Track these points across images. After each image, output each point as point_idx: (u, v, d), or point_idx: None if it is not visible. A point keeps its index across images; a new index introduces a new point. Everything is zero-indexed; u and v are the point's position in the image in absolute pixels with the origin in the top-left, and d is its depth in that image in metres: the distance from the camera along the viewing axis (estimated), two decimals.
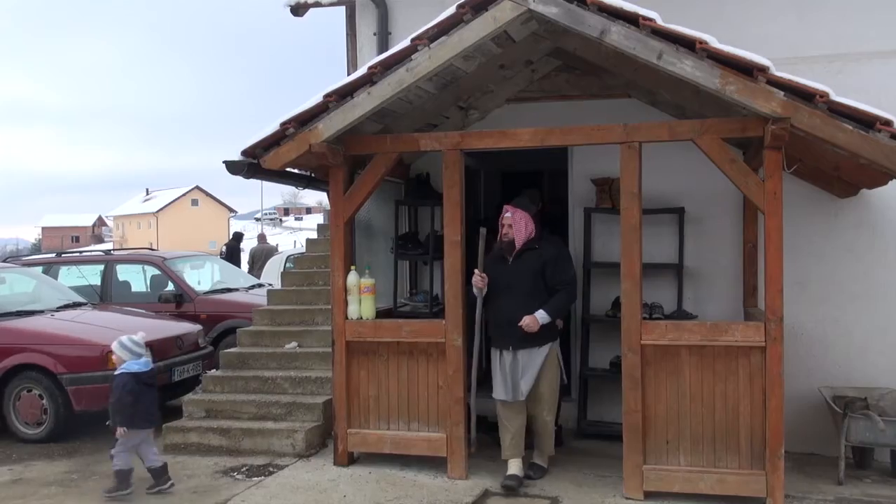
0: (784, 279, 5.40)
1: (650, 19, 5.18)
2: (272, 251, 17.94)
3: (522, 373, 6.01)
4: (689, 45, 5.15)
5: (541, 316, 5.88)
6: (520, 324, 5.86)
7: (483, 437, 6.95)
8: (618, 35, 5.27)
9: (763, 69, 5.07)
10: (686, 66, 5.18)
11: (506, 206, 6.19)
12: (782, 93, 5.09)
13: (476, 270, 6.13)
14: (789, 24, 6.92)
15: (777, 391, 5.39)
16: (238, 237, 20.20)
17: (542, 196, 10.42)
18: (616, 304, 6.81)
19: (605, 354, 7.18)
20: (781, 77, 5.07)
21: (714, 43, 5.12)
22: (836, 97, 5.02)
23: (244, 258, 20.59)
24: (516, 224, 6.05)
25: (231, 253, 18.42)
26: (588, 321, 7.27)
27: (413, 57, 5.66)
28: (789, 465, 5.75)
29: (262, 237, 20.86)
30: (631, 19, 5.22)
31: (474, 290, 6.12)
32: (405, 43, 5.70)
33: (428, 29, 5.59)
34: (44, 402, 7.87)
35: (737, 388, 5.55)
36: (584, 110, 6.92)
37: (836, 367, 6.79)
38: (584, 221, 7.28)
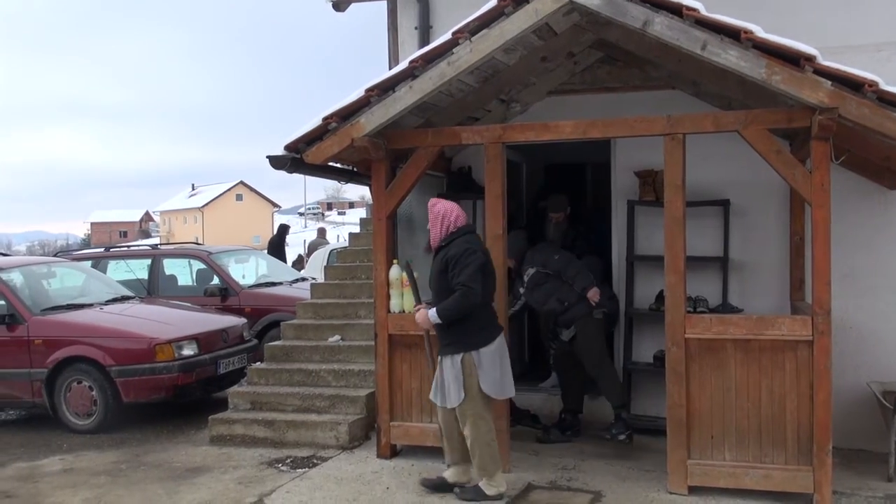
0: (832, 272, 5.31)
1: (694, 9, 5.11)
2: (324, 245, 17.83)
3: (443, 381, 5.63)
4: (733, 34, 5.07)
5: (431, 314, 5.50)
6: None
7: (524, 431, 6.98)
8: (661, 26, 5.21)
9: (810, 58, 4.98)
10: (731, 57, 5.11)
11: (431, 200, 5.87)
12: (829, 82, 4.99)
13: (415, 305, 5.99)
14: (836, 11, 6.78)
15: (825, 386, 5.30)
16: (283, 231, 18.81)
17: (584, 198, 10.42)
18: (660, 297, 6.75)
19: (649, 348, 7.12)
20: (829, 66, 4.98)
21: (759, 32, 5.04)
22: (885, 86, 4.91)
23: (297, 252, 20.40)
24: (432, 222, 5.67)
25: (273, 248, 17.38)
26: (631, 315, 7.22)
27: (454, 50, 5.66)
28: (837, 461, 5.66)
29: (321, 231, 20.93)
30: (674, 9, 5.17)
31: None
32: (446, 36, 5.70)
33: (469, 22, 5.58)
34: (93, 393, 8.03)
35: (783, 383, 5.47)
36: (626, 102, 6.86)
37: (886, 361, 6.65)
38: (626, 214, 7.22)
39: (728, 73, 5.36)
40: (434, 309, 5.51)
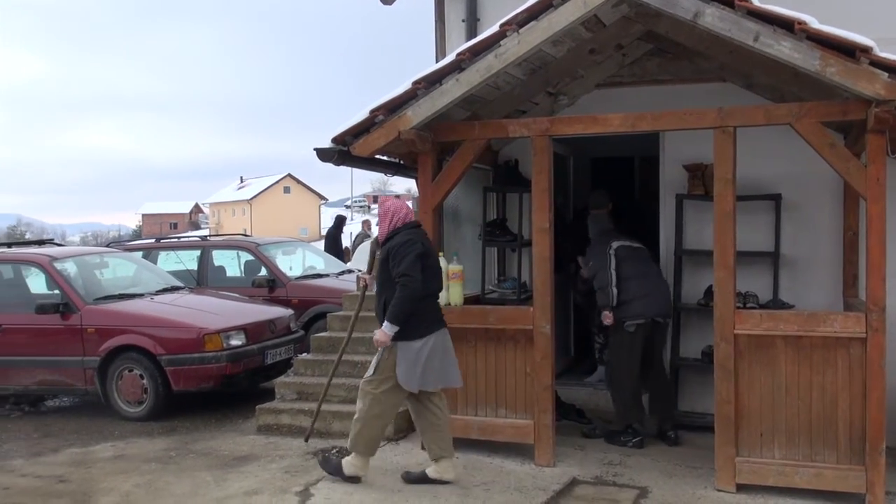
0: (887, 268, 5.20)
1: (746, 0, 5.03)
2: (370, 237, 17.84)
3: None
4: (787, 25, 4.99)
5: (386, 327, 5.57)
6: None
7: (569, 425, 6.95)
8: (712, 17, 5.14)
9: (866, 49, 4.87)
10: (784, 48, 5.02)
11: (381, 198, 6.10)
12: (886, 74, 4.88)
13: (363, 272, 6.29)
14: (893, 1, 6.61)
15: (878, 384, 5.20)
16: (340, 223, 18.29)
17: (634, 192, 10.35)
18: (708, 292, 6.67)
19: (697, 344, 7.03)
20: (885, 57, 4.87)
21: (814, 23, 4.94)
22: None
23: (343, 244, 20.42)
24: (380, 219, 5.83)
25: (330, 240, 17.15)
26: (679, 310, 7.14)
27: (502, 43, 5.63)
28: (890, 462, 5.53)
29: (366, 224, 20.99)
30: (726, 0, 5.09)
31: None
32: (494, 29, 5.68)
33: (517, 14, 5.55)
34: (144, 381, 8.17)
35: (835, 381, 5.37)
36: (676, 95, 6.77)
37: None
38: (675, 208, 7.14)
39: (781, 65, 5.26)
40: (385, 321, 5.57)
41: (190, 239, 13.79)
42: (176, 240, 14.34)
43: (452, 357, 5.81)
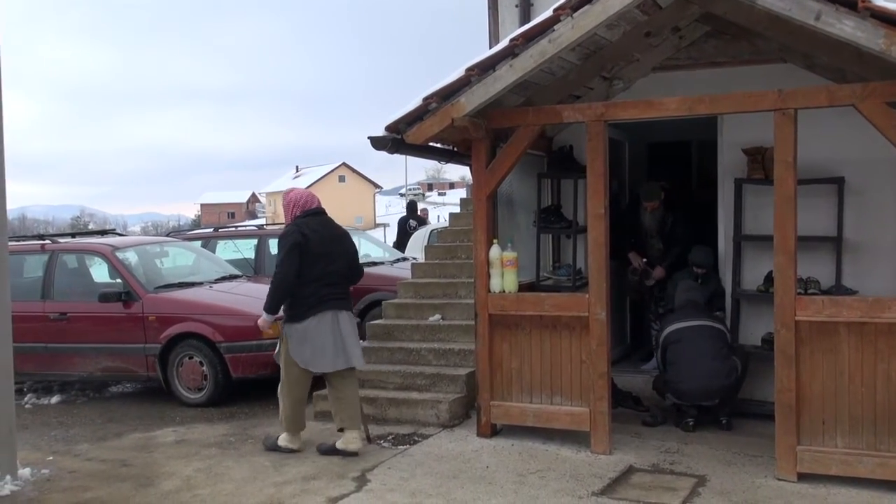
0: None
1: None
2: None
3: None
4: (849, 3, 4.84)
5: (265, 315, 6.34)
6: None
7: (626, 413, 6.90)
8: None
9: None
10: (846, 27, 4.88)
11: (286, 189, 6.49)
12: None
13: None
14: None
15: None
16: (412, 207, 18.15)
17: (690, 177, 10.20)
18: (768, 278, 6.54)
19: (757, 331, 6.92)
20: None
21: (877, 0, 4.80)
22: None
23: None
24: (284, 210, 6.33)
25: (404, 230, 16.84)
26: (738, 296, 7.02)
27: (555, 27, 5.57)
28: None
29: (423, 212, 21.13)
30: None
31: None
32: (547, 13, 5.62)
33: None
34: (204, 368, 8.32)
35: None
36: (734, 77, 6.64)
37: None
38: (734, 193, 7.01)
39: (843, 45, 5.12)
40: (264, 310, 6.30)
41: (247, 228, 13.96)
42: (233, 229, 14.54)
43: (351, 338, 6.30)
